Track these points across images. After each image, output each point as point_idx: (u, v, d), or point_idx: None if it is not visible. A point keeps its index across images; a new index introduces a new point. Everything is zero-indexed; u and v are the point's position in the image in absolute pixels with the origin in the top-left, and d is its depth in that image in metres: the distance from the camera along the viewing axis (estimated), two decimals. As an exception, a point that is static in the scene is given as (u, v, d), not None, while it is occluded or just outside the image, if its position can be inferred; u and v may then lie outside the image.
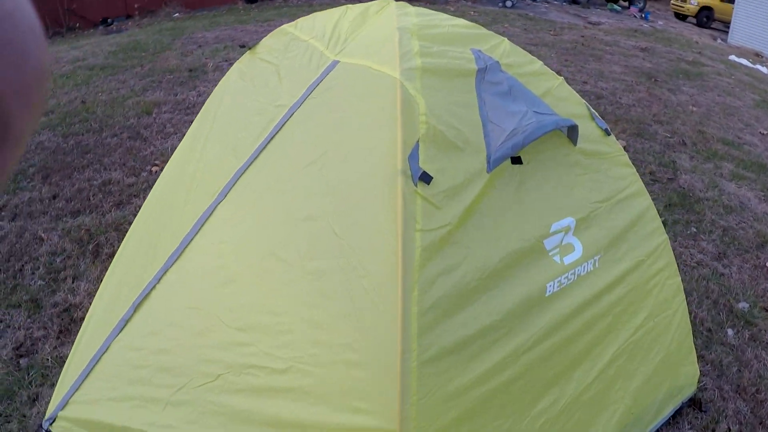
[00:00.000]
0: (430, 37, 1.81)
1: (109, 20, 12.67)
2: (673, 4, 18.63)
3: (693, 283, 3.45)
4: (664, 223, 4.21)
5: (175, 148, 2.58)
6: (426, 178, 1.41)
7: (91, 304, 2.29)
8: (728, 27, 15.83)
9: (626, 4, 18.51)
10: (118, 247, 2.38)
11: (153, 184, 2.49)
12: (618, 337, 1.80)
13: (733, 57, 11.76)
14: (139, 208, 2.46)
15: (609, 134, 2.11)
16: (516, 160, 1.69)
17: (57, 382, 2.12)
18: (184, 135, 2.52)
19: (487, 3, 15.55)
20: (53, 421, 2.00)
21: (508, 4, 15.18)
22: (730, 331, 3.09)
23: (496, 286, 1.45)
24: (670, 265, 2.08)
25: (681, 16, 18.22)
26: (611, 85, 7.64)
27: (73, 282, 3.23)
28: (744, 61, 11.53)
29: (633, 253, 1.90)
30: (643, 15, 16.59)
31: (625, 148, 5.56)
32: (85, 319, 2.29)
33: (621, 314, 1.80)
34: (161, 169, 2.81)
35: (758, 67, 11.42)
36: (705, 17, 17.54)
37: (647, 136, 5.87)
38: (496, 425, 1.48)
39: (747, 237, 4.13)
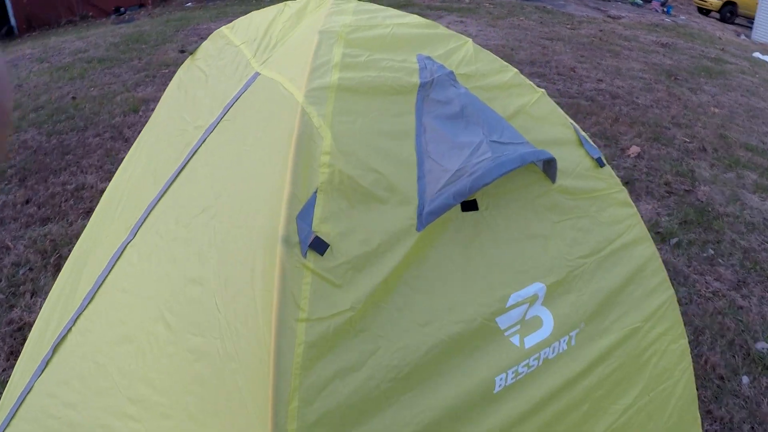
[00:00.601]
0: (361, 42, 1.39)
1: (121, 9, 12.63)
2: (696, -1, 18.10)
3: (707, 319, 3.03)
4: (678, 244, 3.85)
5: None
6: (319, 246, 1.01)
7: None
8: (752, 23, 15.28)
9: (649, -3, 17.99)
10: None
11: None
12: (597, 424, 1.37)
13: (757, 54, 11.20)
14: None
15: (603, 165, 1.64)
16: (468, 206, 1.26)
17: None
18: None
19: (505, -5, 15.13)
20: (-14, 456, 1.81)
21: (526, -5, 14.75)
22: (745, 379, 2.67)
23: (420, 386, 1.05)
24: (675, 327, 1.64)
25: (704, 11, 17.68)
26: (628, 84, 7.20)
27: (31, 298, 3.05)
28: (768, 59, 10.99)
29: (625, 321, 1.46)
30: (665, 9, 16.06)
31: (639, 154, 5.21)
32: (24, 346, 2.10)
33: (603, 398, 1.38)
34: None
35: (784, 64, 10.84)
36: (728, 12, 17.01)
37: (664, 141, 5.44)
38: None
39: (770, 261, 3.71)
